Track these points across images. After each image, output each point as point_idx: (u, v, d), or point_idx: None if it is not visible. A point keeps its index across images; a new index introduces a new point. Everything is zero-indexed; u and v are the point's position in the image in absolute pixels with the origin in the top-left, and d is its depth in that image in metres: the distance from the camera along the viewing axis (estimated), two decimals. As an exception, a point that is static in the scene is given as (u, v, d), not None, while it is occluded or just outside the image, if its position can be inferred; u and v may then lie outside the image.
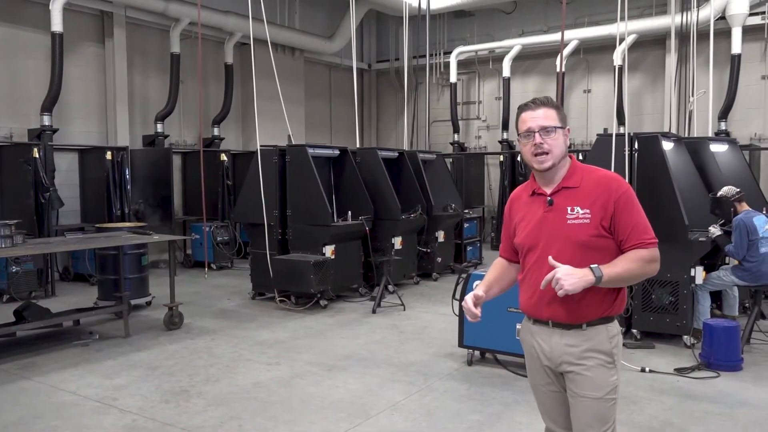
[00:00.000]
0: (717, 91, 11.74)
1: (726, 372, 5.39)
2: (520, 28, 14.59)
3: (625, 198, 2.36)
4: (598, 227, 2.36)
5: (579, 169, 2.47)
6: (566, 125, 2.48)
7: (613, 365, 2.43)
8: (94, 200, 10.24)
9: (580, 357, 2.42)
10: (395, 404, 4.74)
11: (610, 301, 2.43)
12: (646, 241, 2.35)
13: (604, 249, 2.37)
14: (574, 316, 2.42)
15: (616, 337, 2.45)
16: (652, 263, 2.37)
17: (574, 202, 2.40)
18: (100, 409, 4.64)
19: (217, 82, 12.68)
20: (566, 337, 2.44)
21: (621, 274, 2.31)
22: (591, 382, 2.41)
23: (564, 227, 2.40)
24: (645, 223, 2.39)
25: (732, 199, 6.05)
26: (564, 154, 2.46)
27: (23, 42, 9.81)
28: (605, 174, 2.45)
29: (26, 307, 6.50)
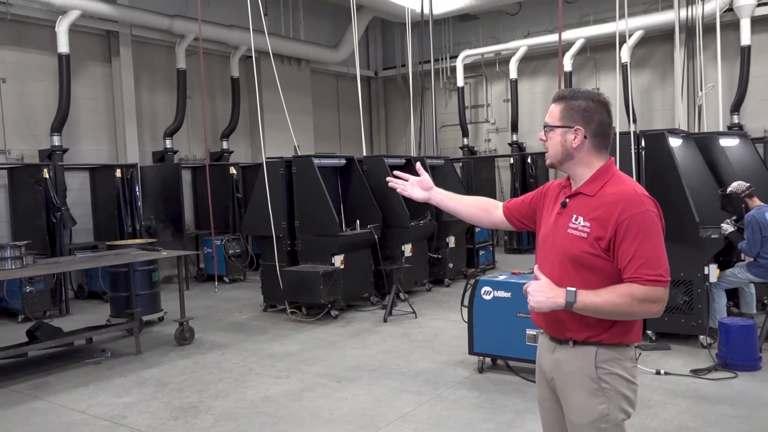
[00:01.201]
0: (728, 84, 11.60)
1: (744, 372, 5.28)
2: (526, 29, 14.51)
3: (631, 223, 2.07)
4: (593, 244, 2.14)
5: (605, 177, 2.22)
6: (574, 123, 2.22)
7: (601, 392, 2.18)
8: (105, 218, 10.33)
9: (566, 375, 2.26)
10: (404, 415, 4.68)
11: (604, 327, 2.17)
12: (644, 277, 2.04)
13: (599, 270, 2.14)
14: (557, 331, 2.28)
15: (611, 363, 2.18)
16: (646, 303, 2.05)
17: (582, 211, 2.20)
18: (110, 428, 4.64)
19: (225, 96, 12.75)
20: (558, 351, 2.30)
21: (600, 306, 2.07)
22: (574, 405, 2.24)
23: (563, 235, 2.23)
24: (651, 256, 2.05)
25: (742, 195, 5.93)
26: (561, 155, 2.26)
27: (31, 64, 9.94)
28: (625, 190, 2.14)
29: (38, 327, 6.54)
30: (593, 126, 2.22)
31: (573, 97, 2.25)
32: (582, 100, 2.23)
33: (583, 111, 2.22)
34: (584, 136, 2.22)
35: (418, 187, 2.70)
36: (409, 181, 2.71)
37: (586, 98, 2.23)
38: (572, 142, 2.23)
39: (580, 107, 2.22)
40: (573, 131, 2.23)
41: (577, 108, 2.23)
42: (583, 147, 2.23)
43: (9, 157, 9.59)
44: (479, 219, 2.68)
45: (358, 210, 8.67)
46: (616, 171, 2.26)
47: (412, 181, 2.71)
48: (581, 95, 2.24)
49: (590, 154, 2.24)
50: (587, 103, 2.22)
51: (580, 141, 2.22)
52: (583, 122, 2.22)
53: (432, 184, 2.71)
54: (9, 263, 6.02)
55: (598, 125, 2.23)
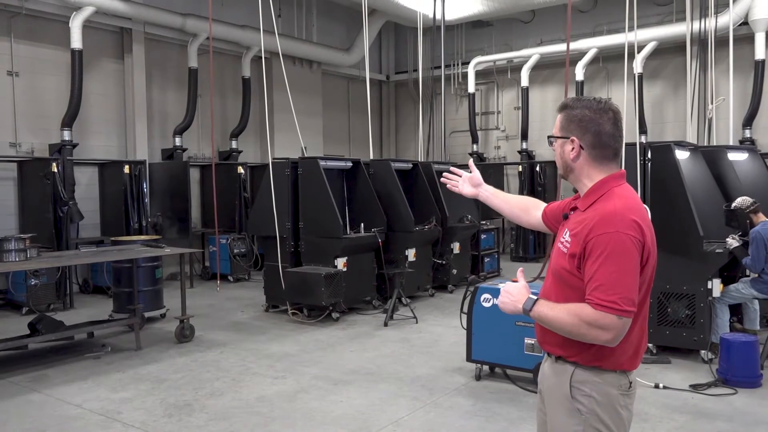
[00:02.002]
0: (742, 98, 11.50)
1: (744, 389, 5.21)
2: (539, 37, 14.47)
3: (597, 243, 1.96)
4: (570, 261, 2.06)
5: (599, 191, 2.11)
6: (570, 134, 2.13)
7: (577, 413, 2.08)
8: (113, 213, 10.39)
9: (548, 389, 2.23)
10: (398, 420, 4.66)
11: (577, 347, 2.07)
12: (596, 301, 1.92)
13: (576, 287, 2.05)
14: (540, 343, 2.27)
15: (588, 385, 2.08)
16: (594, 328, 1.93)
17: (571, 225, 2.13)
18: (104, 423, 4.65)
19: (236, 95, 12.81)
20: (545, 363, 2.27)
21: (551, 320, 2.03)
22: (551, 420, 2.21)
23: (556, 249, 2.20)
24: (609, 280, 1.92)
25: (747, 210, 5.87)
26: (564, 167, 2.19)
27: (44, 59, 10.03)
28: (606, 207, 2.03)
29: (40, 320, 6.59)
30: (589, 137, 2.11)
31: (573, 107, 2.15)
32: (580, 110, 2.12)
33: (579, 121, 2.12)
34: (580, 147, 2.12)
35: (469, 183, 2.74)
36: (462, 178, 2.76)
37: (586, 107, 2.12)
38: (569, 154, 2.15)
39: (577, 117, 2.13)
40: (570, 142, 2.14)
41: (574, 117, 2.14)
42: (579, 158, 2.14)
43: (19, 150, 9.68)
44: (518, 218, 2.66)
45: (363, 213, 8.67)
46: (616, 186, 2.12)
47: (464, 177, 2.76)
48: (581, 104, 2.14)
49: (589, 166, 2.14)
50: (584, 112, 2.11)
51: (576, 152, 2.13)
52: (579, 133, 2.12)
53: (481, 181, 2.73)
54: (13, 256, 6.07)
55: (596, 136, 2.10)
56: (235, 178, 11.71)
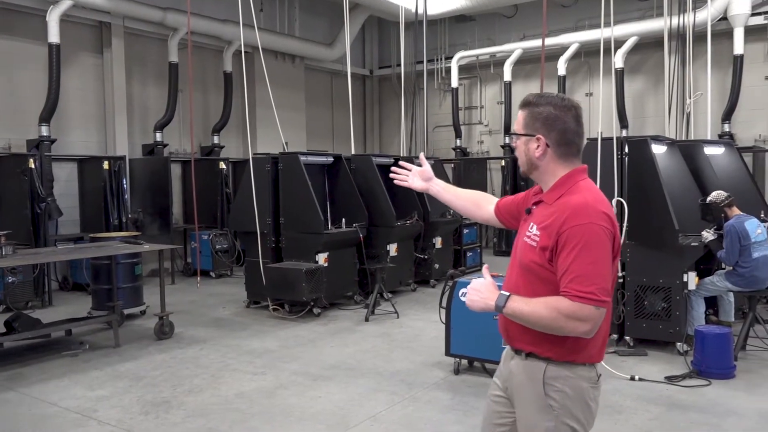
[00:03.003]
0: (721, 92, 11.62)
1: (718, 380, 5.29)
2: (521, 32, 14.50)
3: (571, 234, 1.98)
4: (540, 254, 2.07)
5: (565, 185, 2.13)
6: (535, 132, 2.13)
7: (549, 408, 2.09)
8: (92, 210, 10.29)
9: (517, 387, 2.21)
10: (376, 415, 4.68)
11: (550, 342, 2.08)
12: (573, 292, 1.93)
13: (546, 281, 2.07)
14: (510, 340, 2.24)
15: (560, 381, 2.09)
16: (572, 320, 1.94)
17: (538, 219, 2.14)
18: (79, 422, 4.62)
19: (217, 90, 12.72)
20: (513, 360, 2.24)
21: (527, 315, 2.02)
22: (522, 418, 2.21)
23: (521, 242, 2.20)
24: (586, 272, 1.94)
25: (722, 204, 5.94)
26: (527, 164, 2.19)
27: (21, 53, 9.89)
28: (576, 200, 2.05)
29: (16, 318, 6.51)
30: (555, 135, 2.12)
31: (537, 104, 2.15)
32: (545, 107, 2.12)
33: (545, 119, 2.12)
34: (546, 144, 2.13)
35: (419, 177, 2.71)
36: (412, 172, 2.73)
37: (550, 104, 2.12)
38: (534, 152, 2.15)
39: (542, 114, 2.12)
40: (535, 140, 2.14)
41: (538, 115, 2.13)
42: (545, 156, 2.14)
43: (-4, 146, 9.56)
44: (471, 212, 2.67)
45: (344, 208, 8.66)
46: (581, 180, 2.14)
47: (414, 171, 2.73)
48: (545, 101, 2.13)
49: (554, 162, 2.15)
50: (550, 110, 2.12)
51: (542, 150, 2.13)
52: (545, 131, 2.12)
53: (432, 175, 2.71)
54: (-12, 253, 6.00)
55: (561, 134, 2.12)
56: (217, 173, 11.64)
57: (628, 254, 6.17)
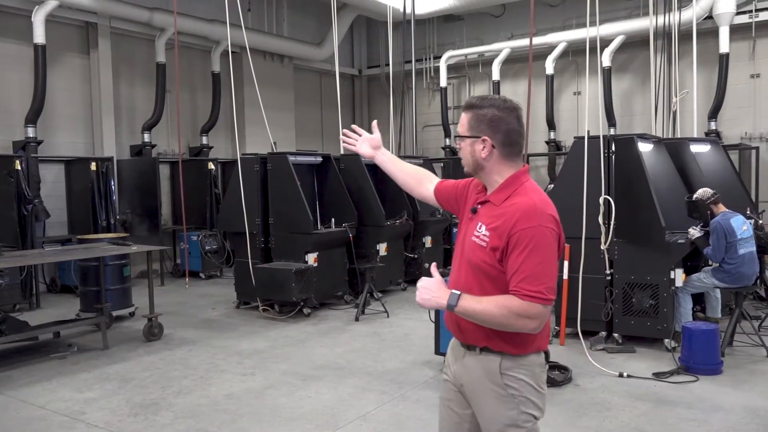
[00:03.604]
0: (707, 91, 11.71)
1: (705, 376, 5.33)
2: (510, 31, 14.54)
3: (522, 236, 2.05)
4: (490, 254, 2.13)
5: (512, 186, 2.20)
6: (481, 134, 2.19)
7: (510, 398, 2.17)
8: (80, 211, 10.22)
9: (474, 383, 2.25)
10: (365, 414, 4.68)
11: (505, 337, 2.15)
12: (523, 291, 2.02)
13: (496, 280, 2.13)
14: (463, 337, 2.27)
15: (517, 370, 2.18)
16: (522, 318, 2.03)
17: (486, 220, 2.18)
18: (67, 424, 4.59)
19: (205, 90, 12.67)
20: (467, 357, 2.27)
21: (478, 313, 2.07)
22: (484, 412, 2.24)
23: (468, 242, 2.22)
24: (535, 272, 2.03)
25: (708, 201, 5.99)
26: (473, 166, 2.24)
27: (6, 54, 9.80)
28: (525, 202, 2.12)
29: (3, 320, 6.45)
30: (501, 136, 2.19)
31: (481, 106, 2.21)
32: (489, 109, 2.19)
33: (490, 120, 2.18)
34: (492, 146, 2.19)
35: (368, 144, 2.73)
36: (361, 137, 2.74)
37: (494, 106, 2.19)
38: (480, 153, 2.20)
39: (487, 116, 2.19)
40: (481, 141, 2.20)
41: (483, 117, 2.19)
42: (492, 157, 2.20)
43: (-18, 148, 9.47)
44: (410, 187, 2.71)
45: (333, 208, 8.66)
46: (526, 181, 2.22)
47: (364, 137, 2.74)
48: (489, 103, 2.20)
49: (500, 163, 2.22)
50: (494, 111, 2.18)
51: (488, 151, 2.19)
52: (491, 132, 2.19)
53: (380, 144, 2.73)
54: (-27, 255, 5.95)
55: (506, 135, 2.19)
56: (206, 174, 11.60)
57: (615, 252, 6.22)
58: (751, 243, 5.97)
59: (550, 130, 13.68)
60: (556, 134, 13.73)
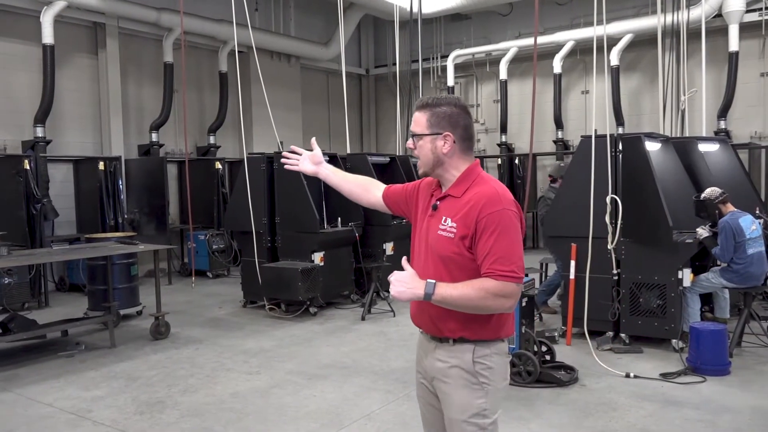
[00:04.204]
0: (716, 89, 11.63)
1: (713, 377, 5.28)
2: (517, 30, 14.51)
3: (489, 220, 2.14)
4: (459, 244, 2.21)
5: (470, 178, 2.29)
6: (442, 130, 2.27)
7: (479, 387, 2.25)
8: (88, 211, 10.28)
9: (445, 374, 2.30)
10: (370, 413, 4.68)
11: (480, 323, 2.24)
12: (498, 272, 2.10)
13: (467, 268, 2.20)
14: (436, 330, 2.31)
15: (488, 358, 2.26)
16: (499, 298, 2.11)
17: (450, 212, 2.26)
18: (74, 422, 4.62)
19: (213, 90, 12.72)
20: (438, 350, 2.32)
21: (456, 299, 2.12)
22: (453, 401, 2.28)
23: (434, 237, 2.28)
24: (506, 252, 2.12)
25: (716, 201, 5.93)
26: (433, 162, 2.31)
27: (15, 54, 9.88)
28: (486, 190, 2.22)
29: (12, 319, 6.51)
30: (460, 131, 2.29)
31: (437, 105, 2.30)
32: (446, 107, 2.29)
33: (449, 117, 2.28)
34: (453, 141, 2.28)
35: (309, 161, 2.78)
36: (302, 156, 2.80)
37: (450, 104, 2.30)
38: (442, 148, 2.28)
39: (446, 113, 2.28)
40: (442, 137, 2.28)
41: (443, 115, 2.28)
42: (452, 152, 2.29)
43: (-9, 148, 9.55)
44: (358, 197, 2.77)
45: (340, 207, 8.65)
46: (481, 172, 2.33)
47: (304, 155, 2.79)
48: (444, 102, 2.30)
49: (458, 158, 2.31)
50: (452, 109, 2.29)
51: (450, 147, 2.28)
52: (451, 128, 2.28)
53: (322, 159, 2.78)
54: (-18, 254, 5.99)
55: (464, 129, 2.30)
56: (214, 173, 11.64)
57: (622, 251, 6.18)
58: (759, 243, 5.92)
59: (558, 129, 13.64)
60: (564, 133, 13.68)
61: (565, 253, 6.41)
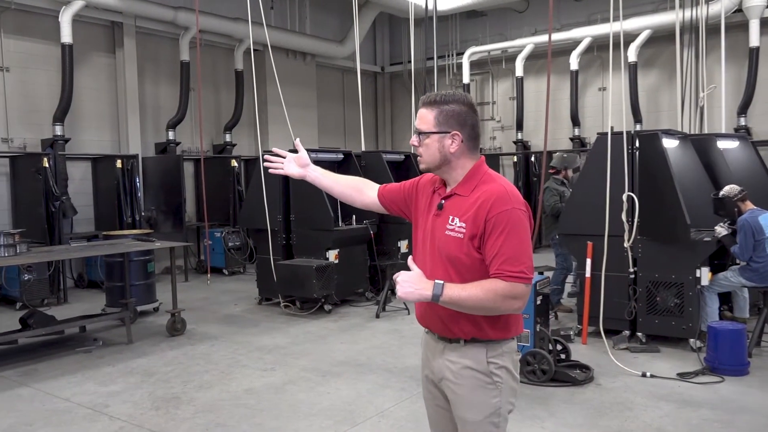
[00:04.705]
0: (736, 85, 11.46)
1: (731, 377, 5.21)
2: (533, 26, 14.40)
3: (498, 220, 2.10)
4: (468, 244, 2.16)
5: (477, 176, 2.24)
6: (451, 129, 2.21)
7: (494, 386, 2.23)
8: (106, 208, 10.40)
9: (457, 375, 2.25)
10: (384, 411, 4.68)
11: (492, 323, 2.20)
12: (507, 273, 2.06)
13: (476, 269, 2.15)
14: (446, 331, 2.26)
15: (501, 357, 2.23)
16: (508, 299, 2.07)
17: (457, 212, 2.21)
18: (91, 417, 4.67)
19: (229, 88, 12.78)
20: (447, 351, 2.28)
21: (465, 299, 2.07)
22: (467, 402, 2.25)
23: (441, 237, 2.23)
24: (515, 253, 2.08)
25: (735, 198, 5.85)
26: (440, 161, 2.25)
27: (35, 54, 10.00)
28: (495, 188, 2.17)
29: (31, 315, 6.61)
30: (468, 130, 2.24)
31: (445, 102, 2.23)
32: (454, 104, 2.23)
33: (458, 115, 2.22)
34: (461, 140, 2.23)
35: (295, 164, 2.67)
36: (286, 159, 2.69)
37: (458, 102, 2.23)
38: (450, 147, 2.23)
39: (454, 112, 2.22)
40: (450, 136, 2.22)
41: (451, 113, 2.22)
42: (460, 151, 2.24)
43: (12, 146, 9.68)
44: (351, 199, 2.67)
45: (355, 205, 8.65)
46: (487, 169, 2.28)
47: (289, 158, 2.69)
48: (452, 99, 2.24)
49: (465, 156, 2.26)
50: (460, 107, 2.23)
51: (458, 146, 2.22)
52: (459, 127, 2.23)
53: (309, 161, 2.67)
54: (2, 251, 6.07)
55: (472, 128, 2.25)
56: (229, 171, 11.71)
57: (639, 250, 6.12)
58: (780, 241, 5.83)
59: (575, 126, 13.53)
60: (581, 130, 13.57)
61: (580, 251, 6.36)
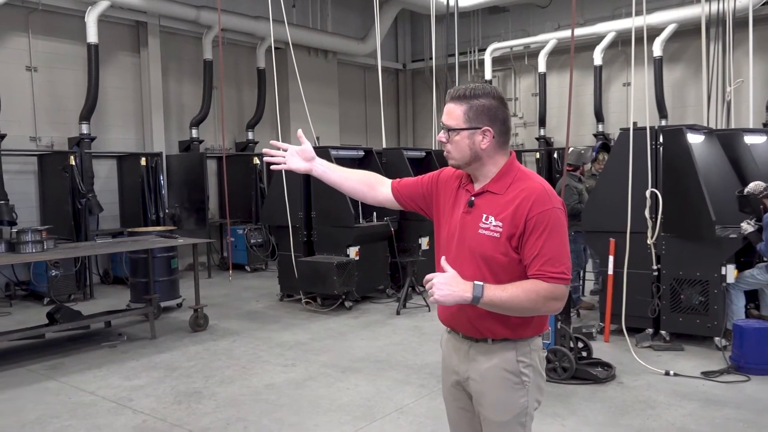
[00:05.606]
0: (765, 79, 11.22)
1: (757, 375, 5.12)
2: (556, 21, 14.24)
3: (539, 220, 2.05)
4: (506, 244, 2.10)
5: (511, 173, 2.17)
6: (481, 124, 2.12)
7: (521, 386, 2.19)
8: (131, 205, 10.56)
9: (484, 375, 2.21)
10: (403, 407, 4.69)
11: (522, 323, 2.17)
12: (548, 274, 2.02)
13: (513, 269, 2.10)
14: (473, 330, 2.22)
15: (529, 356, 2.20)
16: (549, 300, 2.04)
17: (492, 210, 2.14)
18: (115, 410, 4.76)
19: (251, 86, 12.88)
20: (474, 350, 2.24)
21: (505, 301, 2.01)
22: (495, 402, 2.21)
23: (474, 236, 2.15)
24: (556, 254, 2.04)
25: (760, 195, 5.73)
26: (470, 157, 2.16)
27: (62, 54, 10.19)
28: (534, 187, 2.11)
29: (58, 310, 6.75)
30: (499, 125, 2.16)
31: (474, 96, 2.14)
32: (484, 99, 2.14)
33: (488, 110, 2.14)
34: (493, 136, 2.15)
35: (299, 157, 2.48)
36: (288, 152, 2.48)
37: (488, 96, 2.15)
38: (481, 144, 2.15)
39: (485, 106, 2.14)
40: (481, 132, 2.14)
41: (481, 108, 2.14)
42: (491, 147, 2.16)
43: (39, 144, 9.87)
44: (362, 195, 2.54)
45: (375, 202, 8.66)
46: (520, 166, 2.22)
47: (291, 151, 2.48)
48: (482, 93, 2.15)
49: (496, 152, 2.18)
50: (490, 101, 2.15)
51: (489, 142, 2.15)
52: (490, 122, 2.15)
53: (314, 154, 2.49)
54: (30, 247, 6.21)
55: (503, 123, 2.18)
56: (252, 168, 11.79)
57: (663, 247, 6.03)
58: (807, 239, 5.70)
59: (599, 122, 13.35)
60: (605, 126, 13.38)
61: (603, 248, 6.29)
